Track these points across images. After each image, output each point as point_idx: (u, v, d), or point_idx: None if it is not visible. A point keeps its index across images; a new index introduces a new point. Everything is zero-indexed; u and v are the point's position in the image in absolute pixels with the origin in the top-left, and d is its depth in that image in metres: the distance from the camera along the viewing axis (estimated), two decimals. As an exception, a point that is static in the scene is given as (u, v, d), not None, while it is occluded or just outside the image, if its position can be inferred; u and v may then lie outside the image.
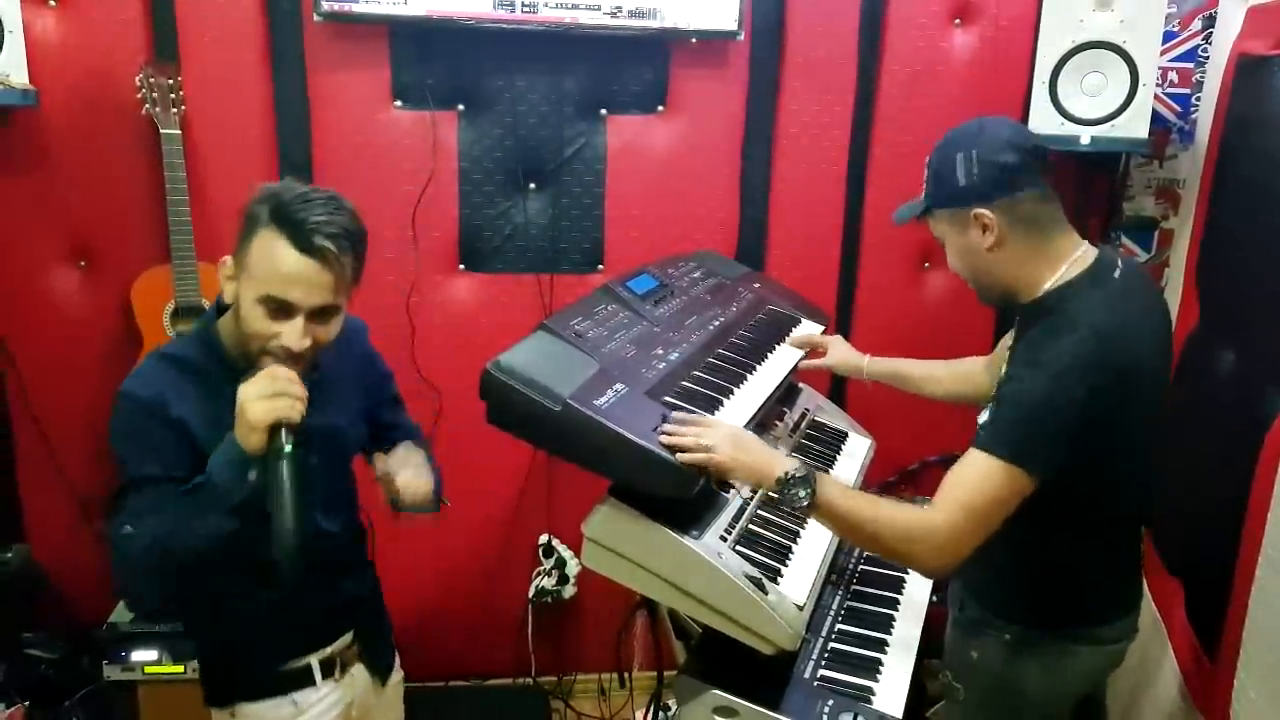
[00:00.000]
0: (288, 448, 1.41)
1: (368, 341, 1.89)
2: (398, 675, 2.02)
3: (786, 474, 1.65)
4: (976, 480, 1.60)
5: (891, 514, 1.64)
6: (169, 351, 1.61)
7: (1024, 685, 1.82)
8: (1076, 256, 1.70)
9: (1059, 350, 1.59)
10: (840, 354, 2.34)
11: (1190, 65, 2.65)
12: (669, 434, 1.69)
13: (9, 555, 2.53)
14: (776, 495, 1.67)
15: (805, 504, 1.64)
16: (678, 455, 1.66)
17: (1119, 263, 1.72)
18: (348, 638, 1.85)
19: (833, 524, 1.71)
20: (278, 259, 1.47)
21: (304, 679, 1.79)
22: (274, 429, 1.42)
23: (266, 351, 1.51)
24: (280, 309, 1.49)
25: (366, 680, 1.90)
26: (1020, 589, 1.78)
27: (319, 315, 1.52)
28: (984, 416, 1.76)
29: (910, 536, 1.62)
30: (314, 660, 1.79)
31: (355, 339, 1.82)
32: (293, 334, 1.49)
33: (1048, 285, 1.70)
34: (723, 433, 1.72)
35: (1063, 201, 1.73)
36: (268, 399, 1.42)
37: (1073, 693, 1.90)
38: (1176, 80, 2.67)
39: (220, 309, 1.63)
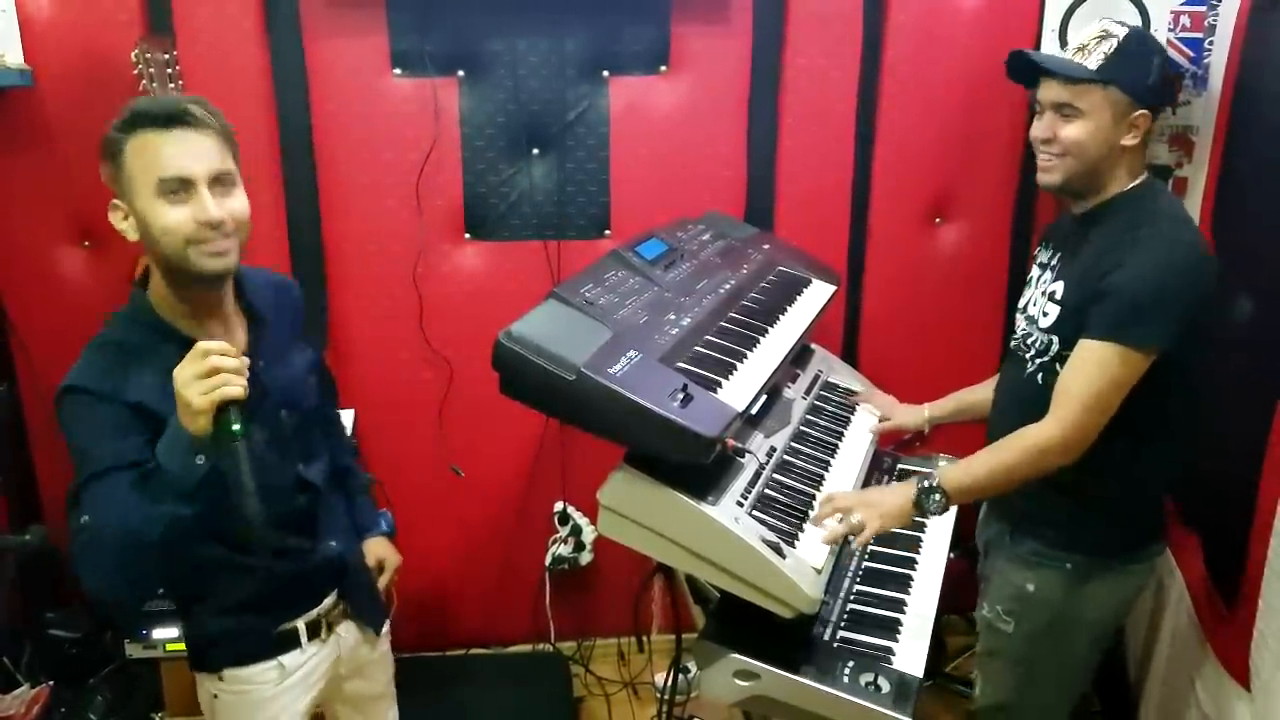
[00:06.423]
0: (237, 426, 1.30)
1: (300, 297, 1.86)
2: (386, 642, 2.00)
3: (916, 497, 1.80)
4: (1094, 372, 1.71)
5: (1011, 450, 1.76)
6: (105, 339, 1.55)
7: (1083, 613, 1.89)
8: (1146, 177, 1.83)
9: (1159, 234, 1.71)
10: (904, 415, 2.39)
11: (1202, 9, 2.59)
12: (827, 536, 1.82)
13: (27, 536, 2.54)
14: (920, 517, 1.83)
15: (944, 503, 1.78)
16: (854, 543, 1.85)
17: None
18: (332, 599, 1.83)
19: (972, 498, 1.86)
20: (152, 146, 1.45)
21: (291, 642, 1.77)
22: (220, 409, 1.32)
23: (192, 268, 1.47)
24: (179, 188, 1.45)
25: (355, 637, 1.89)
26: (1084, 517, 1.83)
27: (219, 186, 1.48)
28: (1047, 320, 1.83)
29: (1043, 455, 1.74)
30: (300, 624, 1.78)
31: (285, 289, 1.82)
32: (202, 203, 1.44)
33: (1115, 191, 1.81)
34: (856, 503, 1.85)
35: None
36: (203, 379, 1.32)
37: (1125, 614, 2.00)
38: (1189, 24, 2.61)
39: (144, 284, 1.58)
